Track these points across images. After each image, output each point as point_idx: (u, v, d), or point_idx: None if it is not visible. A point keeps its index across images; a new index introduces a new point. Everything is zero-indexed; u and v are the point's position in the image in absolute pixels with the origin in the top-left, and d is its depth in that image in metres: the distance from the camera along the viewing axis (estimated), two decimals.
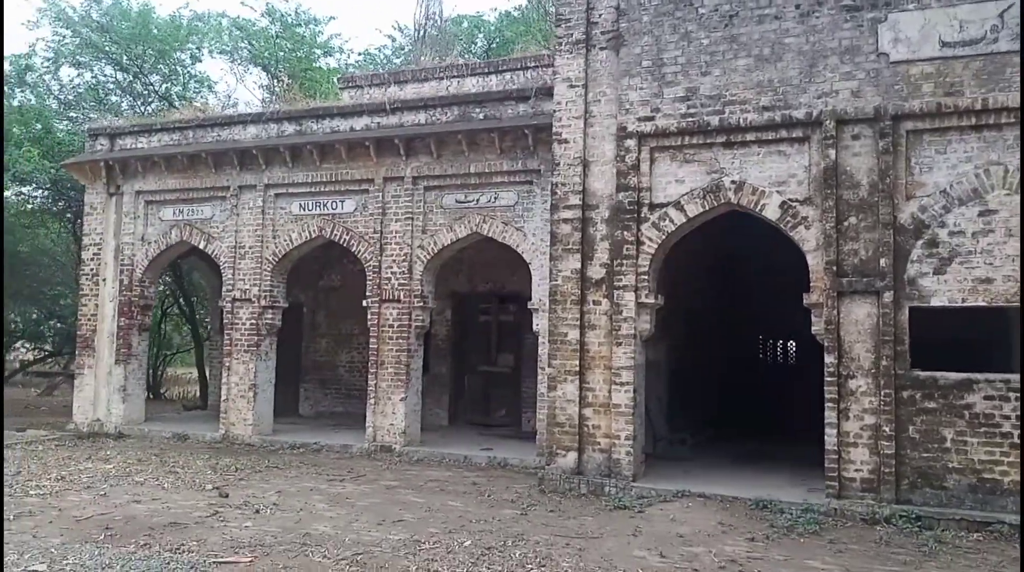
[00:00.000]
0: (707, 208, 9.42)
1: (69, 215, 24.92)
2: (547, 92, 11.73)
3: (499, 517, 8.27)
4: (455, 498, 9.25)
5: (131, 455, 11.68)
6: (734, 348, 17.61)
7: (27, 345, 40.98)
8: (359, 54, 24.58)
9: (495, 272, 15.21)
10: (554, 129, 10.12)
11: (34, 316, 39.68)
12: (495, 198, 12.06)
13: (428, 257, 12.36)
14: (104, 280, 14.57)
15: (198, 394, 20.89)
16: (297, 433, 13.77)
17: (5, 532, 7.21)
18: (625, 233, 9.64)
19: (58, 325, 37.96)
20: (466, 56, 19.97)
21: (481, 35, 23.14)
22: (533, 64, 15.29)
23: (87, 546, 6.85)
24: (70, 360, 40.50)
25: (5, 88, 18.87)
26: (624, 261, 9.62)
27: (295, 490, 9.49)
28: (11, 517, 7.77)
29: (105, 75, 20.62)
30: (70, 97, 19.55)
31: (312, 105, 13.86)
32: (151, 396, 27.65)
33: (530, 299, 11.77)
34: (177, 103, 19.50)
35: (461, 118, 12.26)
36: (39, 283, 30.79)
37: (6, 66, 19.88)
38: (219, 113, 14.14)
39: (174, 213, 14.25)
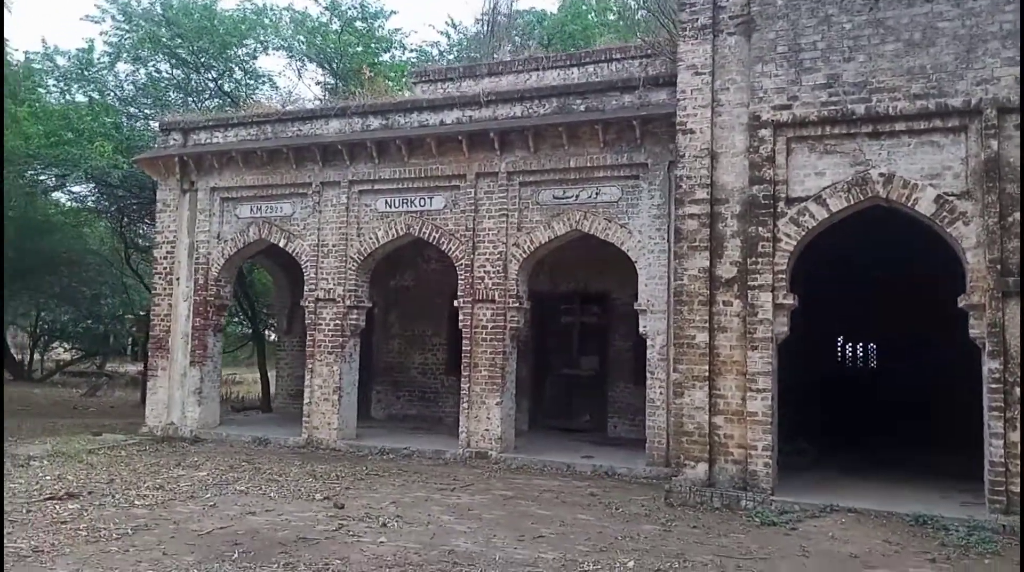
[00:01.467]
0: (851, 202, 8.82)
1: (116, 213, 24.63)
2: (654, 82, 11.20)
3: (643, 533, 7.71)
4: (582, 511, 8.70)
5: (220, 461, 11.23)
6: (826, 352, 17.00)
7: (65, 345, 41.02)
8: (411, 50, 24.08)
9: (579, 272, 14.67)
10: (678, 119, 9.54)
11: (66, 317, 39.71)
12: (596, 194, 11.51)
13: (524, 256, 11.83)
14: (178, 279, 14.15)
15: (258, 396, 20.41)
16: (379, 437, 13.28)
17: (132, 548, 6.76)
18: (760, 229, 9.05)
19: (91, 325, 37.94)
20: (530, 50, 19.34)
21: (540, 29, 22.61)
22: (618, 56, 14.75)
23: (227, 566, 6.35)
24: (104, 361, 40.52)
25: (67, 83, 18.56)
26: (759, 259, 9.03)
27: (409, 500, 8.98)
28: (129, 531, 7.31)
29: (159, 71, 20.20)
30: (128, 93, 19.12)
31: (398, 99, 13.36)
32: None
33: (622, 299, 11.21)
34: (238, 100, 19.10)
35: (560, 110, 11.71)
36: (80, 283, 30.58)
37: (63, 61, 19.60)
38: (300, 107, 13.67)
39: (251, 210, 13.80)
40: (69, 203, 23.24)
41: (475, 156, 12.08)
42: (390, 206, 12.80)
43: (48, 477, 9.70)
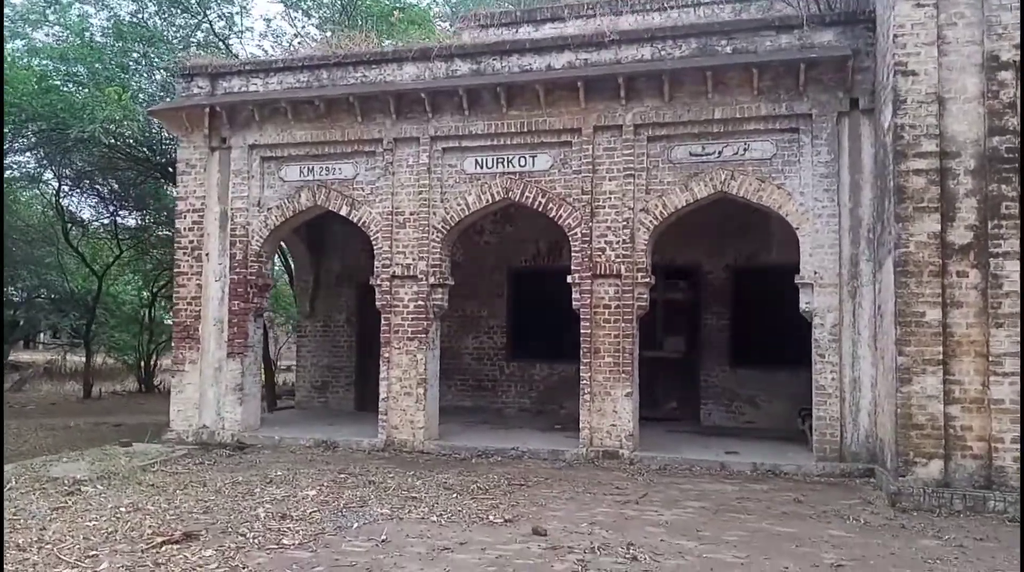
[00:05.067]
0: None
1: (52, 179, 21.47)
2: (819, 20, 9.74)
3: (936, 555, 6.34)
4: (818, 523, 7.26)
5: (307, 473, 9.21)
6: None
7: None
8: None
9: (660, 244, 13.15)
10: (896, 58, 8.10)
11: None
12: (744, 150, 10.00)
13: (654, 223, 10.23)
14: (207, 255, 11.83)
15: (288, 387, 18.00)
16: (459, 435, 11.48)
17: None
18: (1003, 187, 7.75)
19: None
20: None
21: None
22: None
23: None
24: (8, 348, 36.44)
25: (23, 25, 15.47)
26: (1003, 222, 7.74)
27: (602, 518, 7.32)
28: None
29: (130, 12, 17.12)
30: (97, 36, 16.10)
31: (494, 38, 11.41)
32: (143, 388, 24.62)
33: (714, 273, 9.84)
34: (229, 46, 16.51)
35: (700, 52, 10.10)
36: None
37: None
38: (365, 48, 11.49)
39: (302, 172, 11.61)
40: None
41: (593, 106, 10.35)
42: (481, 166, 10.92)
43: (123, 509, 7.51)
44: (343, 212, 11.37)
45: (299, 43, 17.13)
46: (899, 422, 8.00)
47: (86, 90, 12.56)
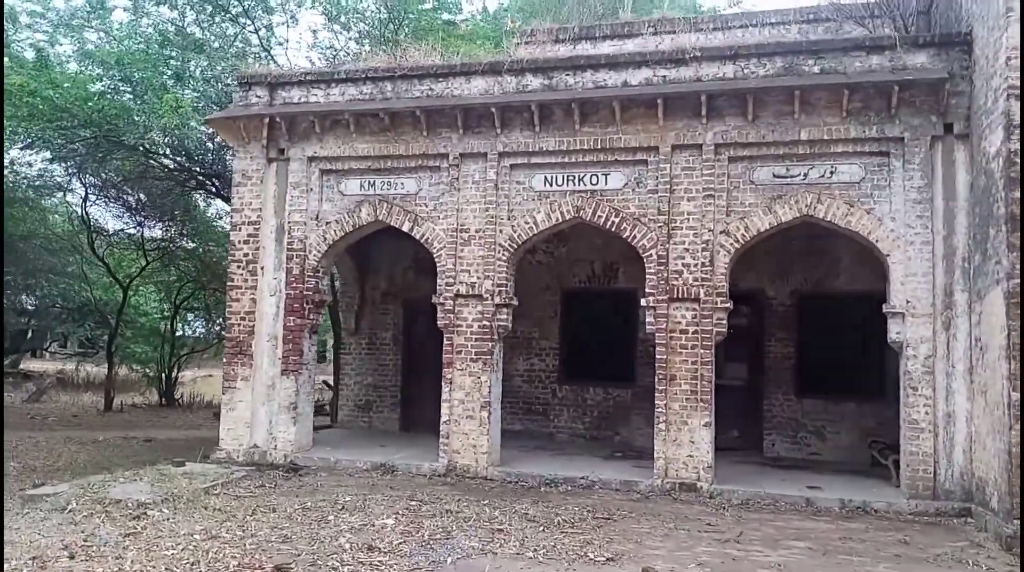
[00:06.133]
0: None
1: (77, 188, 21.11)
2: (913, 42, 9.43)
3: None
4: (938, 568, 6.85)
5: (376, 500, 8.79)
6: None
7: None
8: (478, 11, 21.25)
9: None
10: (1009, 82, 7.75)
11: None
12: (831, 172, 9.65)
13: (736, 245, 9.86)
14: (262, 269, 11.47)
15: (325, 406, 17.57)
16: (520, 462, 11.04)
17: None
18: None
19: (10, 321, 33.46)
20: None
21: None
22: (774, 19, 12.94)
23: None
24: (19, 359, 36.05)
25: (60, 34, 15.16)
26: None
27: (707, 558, 6.90)
28: None
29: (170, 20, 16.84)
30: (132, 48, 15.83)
31: (564, 53, 11.10)
32: (163, 401, 24.18)
33: (778, 299, 9.47)
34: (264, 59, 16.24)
35: (786, 71, 9.78)
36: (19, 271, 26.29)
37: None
38: (432, 61, 11.19)
39: (362, 186, 11.27)
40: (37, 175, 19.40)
41: (672, 124, 10.02)
42: (550, 184, 10.58)
43: (198, 536, 7.10)
44: (405, 228, 11.02)
45: (345, 56, 16.81)
46: (1013, 462, 7.58)
47: (141, 98, 12.24)
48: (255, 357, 11.36)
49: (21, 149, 14.41)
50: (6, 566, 6.11)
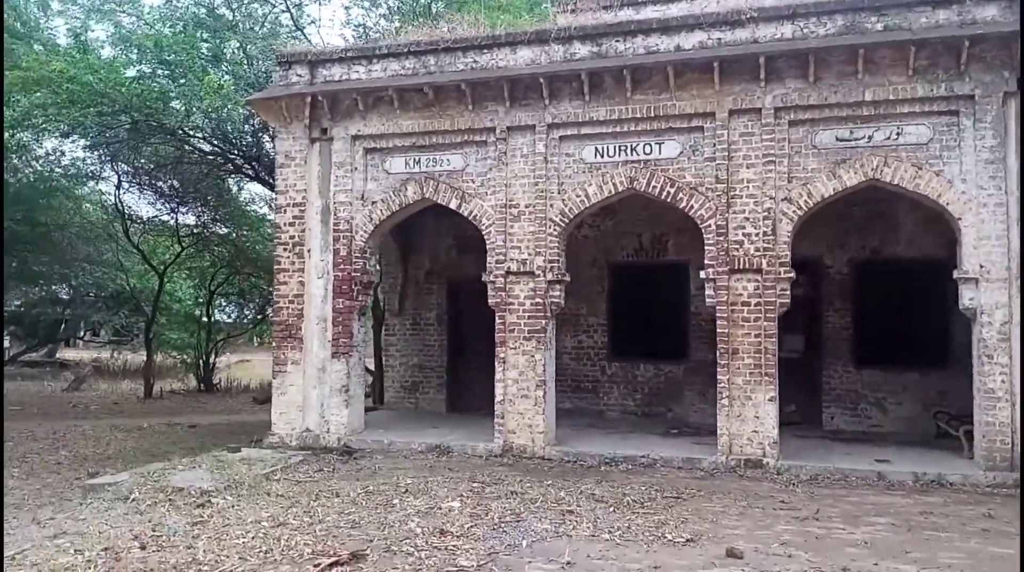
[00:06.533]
0: None
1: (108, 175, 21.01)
2: None
3: None
4: None
5: (438, 482, 8.64)
6: None
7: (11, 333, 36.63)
8: None
9: None
10: None
11: (18, 301, 35.44)
12: (897, 134, 9.26)
13: (798, 212, 9.52)
14: (309, 251, 11.31)
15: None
16: (577, 440, 10.86)
17: None
18: None
19: (45, 311, 33.78)
20: None
21: None
22: None
23: None
24: (55, 348, 36.39)
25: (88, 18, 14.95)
26: None
27: (789, 537, 6.67)
28: None
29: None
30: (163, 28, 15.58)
31: (610, 19, 10.74)
32: (202, 387, 24.27)
33: (835, 267, 9.12)
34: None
35: (848, 30, 9.37)
36: (51, 260, 26.33)
37: None
38: (475, 33, 10.89)
39: (407, 163, 11.04)
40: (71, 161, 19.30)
41: (728, 89, 9.66)
42: (602, 155, 10.28)
43: (265, 523, 6.98)
44: (453, 205, 10.80)
45: (376, 33, 16.52)
46: None
47: (178, 81, 12.08)
48: (305, 340, 11.24)
49: (60, 137, 14.33)
50: (80, 558, 6.03)
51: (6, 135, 12.64)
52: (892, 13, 9.23)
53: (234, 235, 23.41)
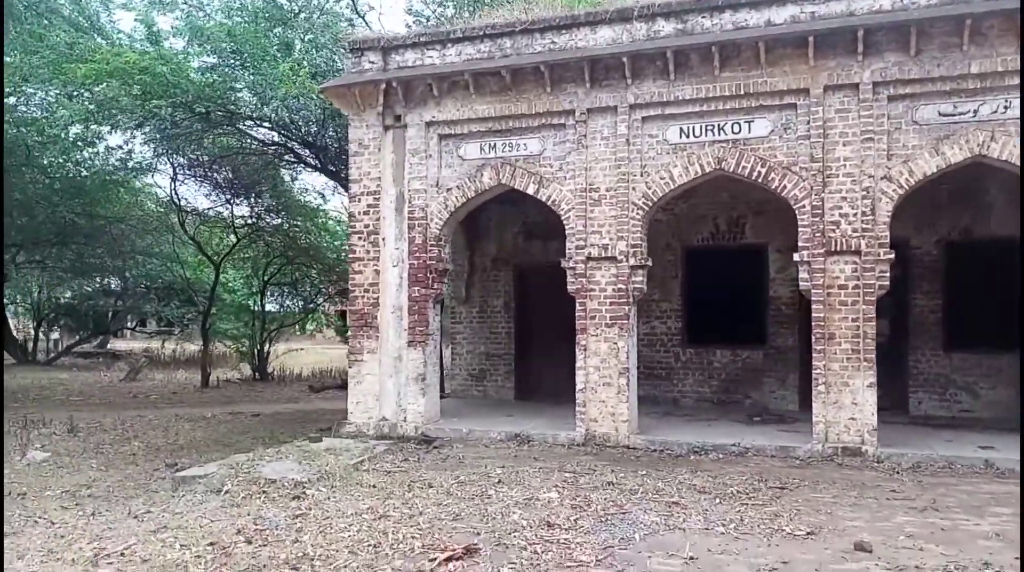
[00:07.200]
0: None
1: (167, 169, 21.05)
2: None
3: None
4: None
5: (528, 472, 8.46)
6: None
7: (65, 325, 37.29)
8: None
9: None
10: None
11: (69, 293, 36.06)
12: (1005, 107, 8.80)
13: (899, 191, 9.12)
14: (384, 239, 11.18)
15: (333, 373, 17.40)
16: (660, 429, 10.62)
17: None
18: None
19: (99, 304, 34.26)
20: None
21: None
22: None
23: None
24: (107, 340, 36.94)
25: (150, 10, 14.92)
26: None
27: (914, 529, 6.36)
28: None
29: None
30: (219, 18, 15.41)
31: None
32: (257, 376, 24.41)
33: (923, 248, 8.91)
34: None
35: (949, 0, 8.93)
36: (104, 253, 26.56)
37: None
38: (554, 13, 10.62)
39: (482, 149, 10.84)
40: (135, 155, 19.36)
41: (823, 64, 9.27)
42: (687, 135, 9.96)
43: (366, 516, 6.86)
44: (530, 191, 10.57)
45: (437, 21, 16.29)
46: None
47: (251, 70, 11.99)
48: (380, 329, 11.14)
49: (134, 128, 14.36)
50: (187, 553, 5.95)
51: (79, 128, 12.71)
52: None
53: (286, 225, 23.48)
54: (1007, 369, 11.46)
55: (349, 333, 11.46)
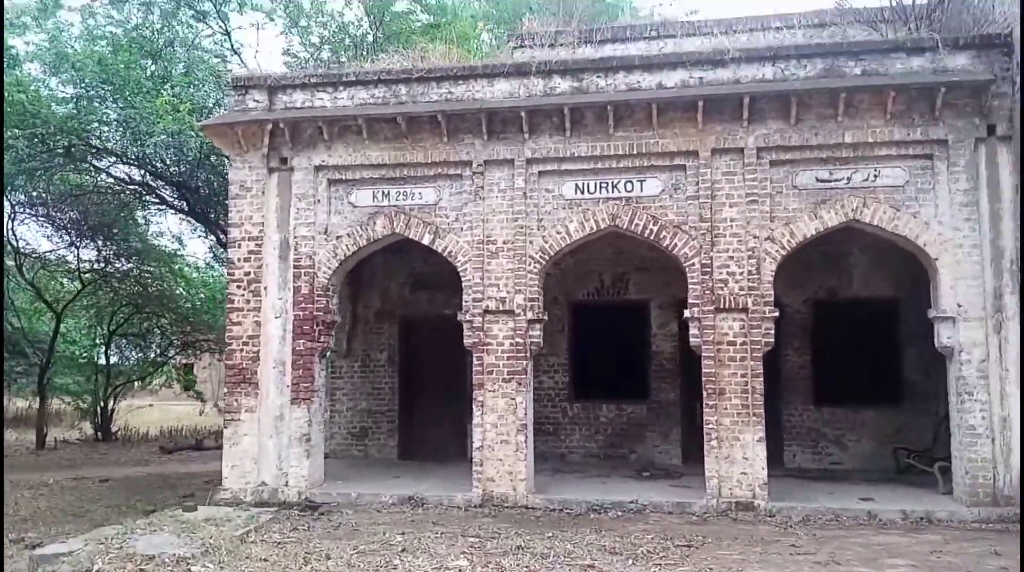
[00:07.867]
0: None
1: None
2: (953, 44, 9.36)
3: None
4: None
5: (429, 538, 8.02)
6: None
7: None
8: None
9: None
10: None
11: None
12: (875, 176, 9.49)
13: (781, 252, 9.57)
14: (265, 289, 10.52)
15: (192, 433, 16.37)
16: (556, 487, 10.45)
17: None
18: None
19: None
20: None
21: None
22: (777, 24, 12.82)
23: None
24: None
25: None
26: None
27: None
28: None
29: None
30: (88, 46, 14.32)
31: (597, 54, 10.61)
32: (99, 436, 22.42)
33: (793, 307, 9.74)
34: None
35: (827, 73, 9.58)
36: None
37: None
38: (452, 63, 10.51)
39: (375, 196, 10.50)
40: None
41: (711, 127, 9.67)
42: (582, 191, 10.08)
43: None
44: (426, 241, 10.30)
45: (313, 63, 15.90)
46: None
47: (126, 101, 11.02)
48: (260, 385, 10.40)
49: None
50: None
51: None
52: (869, 58, 9.50)
53: (137, 271, 21.90)
54: (870, 423, 12.19)
55: (225, 389, 10.63)
